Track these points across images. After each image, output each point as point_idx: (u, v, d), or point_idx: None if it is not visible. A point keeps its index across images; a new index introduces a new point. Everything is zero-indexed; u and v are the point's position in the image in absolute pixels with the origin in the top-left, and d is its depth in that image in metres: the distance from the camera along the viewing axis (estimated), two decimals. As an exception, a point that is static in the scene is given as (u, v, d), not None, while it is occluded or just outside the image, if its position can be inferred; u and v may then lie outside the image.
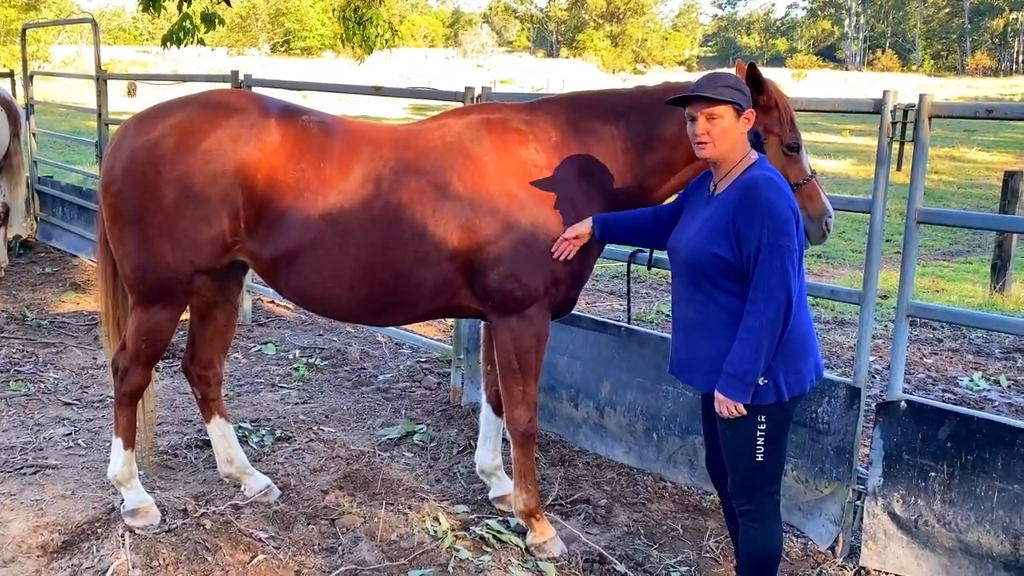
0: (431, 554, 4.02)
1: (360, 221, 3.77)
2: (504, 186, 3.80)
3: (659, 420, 4.89)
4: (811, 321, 3.32)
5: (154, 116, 3.89)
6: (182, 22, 9.20)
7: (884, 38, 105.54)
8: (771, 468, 3.28)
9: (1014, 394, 6.56)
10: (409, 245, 3.78)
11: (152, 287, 3.88)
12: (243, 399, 5.96)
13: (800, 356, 3.20)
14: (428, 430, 5.44)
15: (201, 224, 3.76)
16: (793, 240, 3.06)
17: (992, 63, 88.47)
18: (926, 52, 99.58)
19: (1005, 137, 31.04)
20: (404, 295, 3.89)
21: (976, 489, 3.81)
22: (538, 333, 3.92)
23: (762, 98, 3.58)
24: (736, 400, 3.15)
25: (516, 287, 3.81)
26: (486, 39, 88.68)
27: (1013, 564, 3.73)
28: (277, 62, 55.77)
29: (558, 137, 3.92)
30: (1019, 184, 10.15)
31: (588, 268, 4.02)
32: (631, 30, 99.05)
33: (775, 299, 3.04)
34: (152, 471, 4.62)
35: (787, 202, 3.09)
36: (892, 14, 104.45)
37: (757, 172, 3.17)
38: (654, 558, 4.11)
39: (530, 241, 3.78)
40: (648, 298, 9.49)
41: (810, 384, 3.26)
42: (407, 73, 50.14)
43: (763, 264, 3.04)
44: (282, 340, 7.37)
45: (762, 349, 3.07)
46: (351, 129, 3.97)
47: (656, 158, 3.88)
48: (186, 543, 3.98)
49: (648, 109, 3.89)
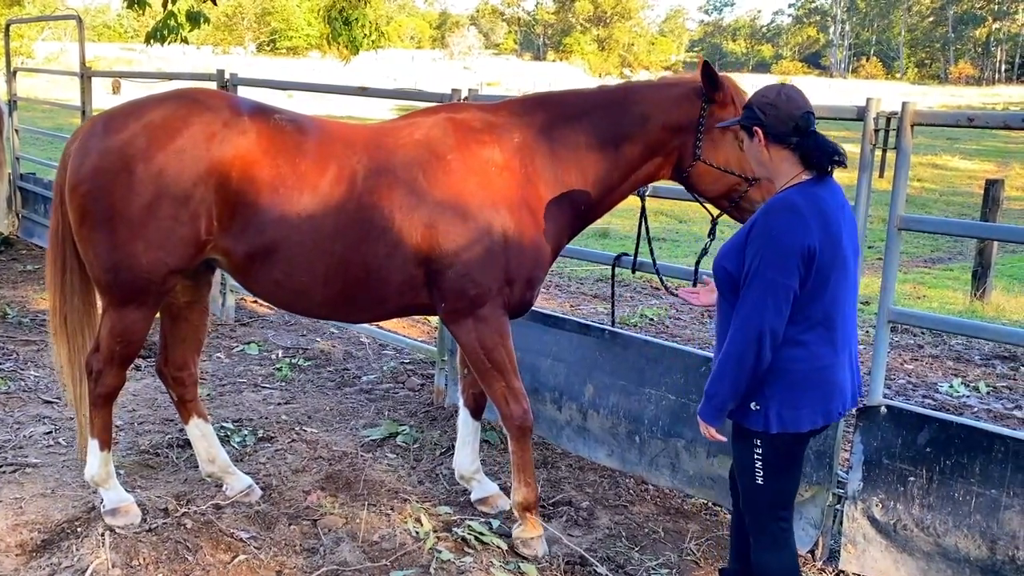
0: (413, 555, 4.02)
1: (334, 217, 3.80)
2: (464, 186, 3.84)
3: (641, 423, 4.91)
4: (839, 360, 3.08)
5: (125, 114, 3.86)
6: (167, 20, 9.20)
7: (869, 46, 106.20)
8: (771, 494, 3.17)
9: (993, 400, 6.61)
10: (379, 241, 3.82)
11: (125, 288, 3.85)
12: (225, 399, 5.93)
13: (801, 392, 3.04)
14: (411, 431, 5.43)
15: (175, 223, 3.75)
16: (788, 274, 2.88)
17: (975, 72, 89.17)
18: (910, 60, 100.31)
19: (987, 145, 31.28)
20: (374, 291, 3.94)
21: (954, 494, 3.84)
22: (498, 330, 3.95)
23: (718, 95, 3.71)
24: (706, 422, 3.11)
25: (470, 287, 3.85)
26: (473, 41, 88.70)
27: (990, 568, 3.76)
28: (263, 61, 55.63)
29: (520, 137, 3.96)
30: (1000, 192, 10.25)
31: (543, 269, 4.06)
32: (618, 34, 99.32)
33: (747, 328, 2.93)
34: (134, 470, 4.60)
35: (797, 233, 2.88)
36: (877, 22, 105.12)
37: (789, 192, 3.00)
38: (635, 560, 4.13)
39: (487, 242, 3.81)
40: (632, 302, 9.53)
41: (811, 425, 3.07)
42: (394, 74, 50.08)
43: (746, 290, 2.95)
44: (265, 340, 7.34)
45: (726, 375, 3.00)
46: (324, 127, 4.02)
47: (617, 157, 3.94)
48: (166, 542, 3.96)
49: (610, 108, 3.95)
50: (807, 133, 2.99)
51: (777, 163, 3.05)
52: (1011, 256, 13.75)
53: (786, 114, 2.99)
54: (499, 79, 50.14)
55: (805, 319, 2.98)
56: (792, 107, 3.00)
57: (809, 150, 2.99)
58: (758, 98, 3.06)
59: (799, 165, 3.02)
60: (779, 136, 3.01)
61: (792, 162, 3.03)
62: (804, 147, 2.99)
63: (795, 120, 2.98)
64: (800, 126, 2.99)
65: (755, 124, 3.04)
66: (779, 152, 3.03)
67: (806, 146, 2.99)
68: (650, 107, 3.90)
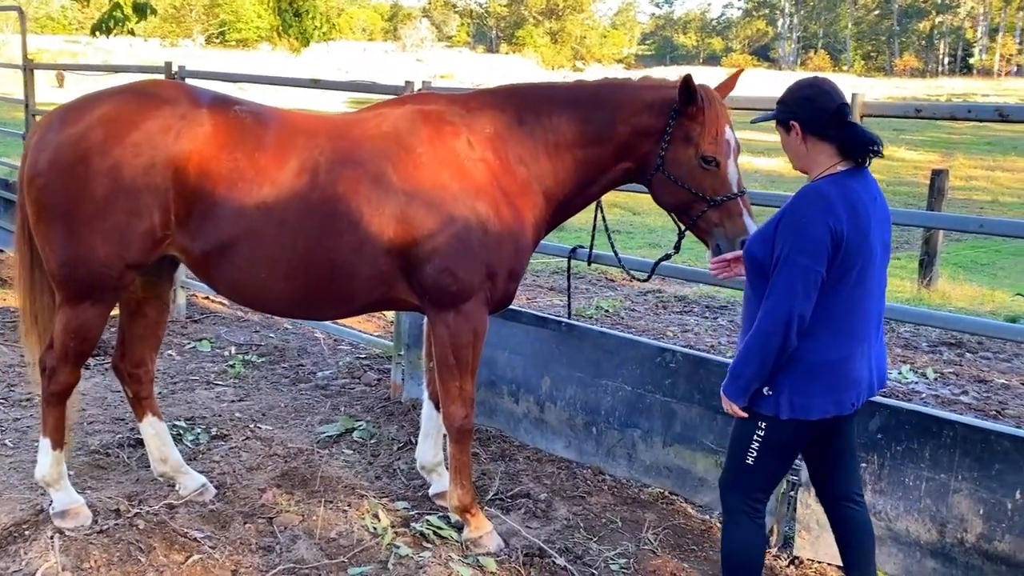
0: (371, 551, 4.00)
1: (296, 211, 3.73)
2: (438, 179, 3.77)
3: (598, 414, 4.93)
4: (855, 351, 3.12)
5: (81, 107, 3.78)
6: (112, 11, 9.00)
7: (817, 39, 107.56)
8: (758, 476, 3.23)
9: (940, 386, 6.75)
10: (345, 235, 3.75)
11: (81, 284, 3.77)
12: (177, 396, 5.84)
13: (814, 382, 3.08)
14: (368, 427, 5.39)
15: (132, 218, 3.68)
16: (817, 261, 2.93)
17: (919, 65, 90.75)
18: (857, 53, 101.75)
19: (932, 136, 31.88)
20: (340, 287, 3.86)
21: (904, 479, 3.91)
22: (475, 329, 3.91)
23: (690, 108, 3.66)
24: (729, 399, 3.16)
25: (451, 281, 3.79)
26: (425, 33, 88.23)
27: (939, 551, 3.84)
28: (212, 54, 54.68)
29: (493, 130, 3.90)
30: (945, 182, 10.46)
31: (524, 262, 4.02)
32: (570, 27, 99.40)
33: (775, 312, 2.98)
34: (84, 471, 4.51)
35: (826, 220, 2.93)
36: (824, 15, 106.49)
37: (821, 182, 3.06)
38: (593, 551, 4.14)
39: (464, 235, 3.76)
40: (587, 294, 9.56)
41: (820, 414, 3.10)
42: (346, 66, 49.54)
43: (776, 275, 2.99)
44: (217, 336, 7.24)
45: (753, 356, 3.05)
46: (285, 119, 3.92)
47: (588, 154, 3.89)
48: (118, 544, 3.89)
49: (583, 103, 3.90)
50: (844, 124, 3.06)
51: (814, 155, 3.12)
52: (956, 245, 14.06)
53: (822, 107, 3.06)
54: (452, 72, 49.95)
55: (823, 308, 3.02)
56: (827, 100, 3.07)
57: (846, 141, 3.06)
58: (793, 93, 3.13)
59: (836, 156, 3.08)
60: (816, 129, 3.08)
61: (829, 153, 3.09)
62: (842, 138, 3.06)
63: (831, 112, 3.05)
64: (837, 118, 3.05)
65: (792, 119, 3.10)
66: (816, 144, 3.10)
67: (843, 137, 3.06)
68: (620, 108, 3.83)
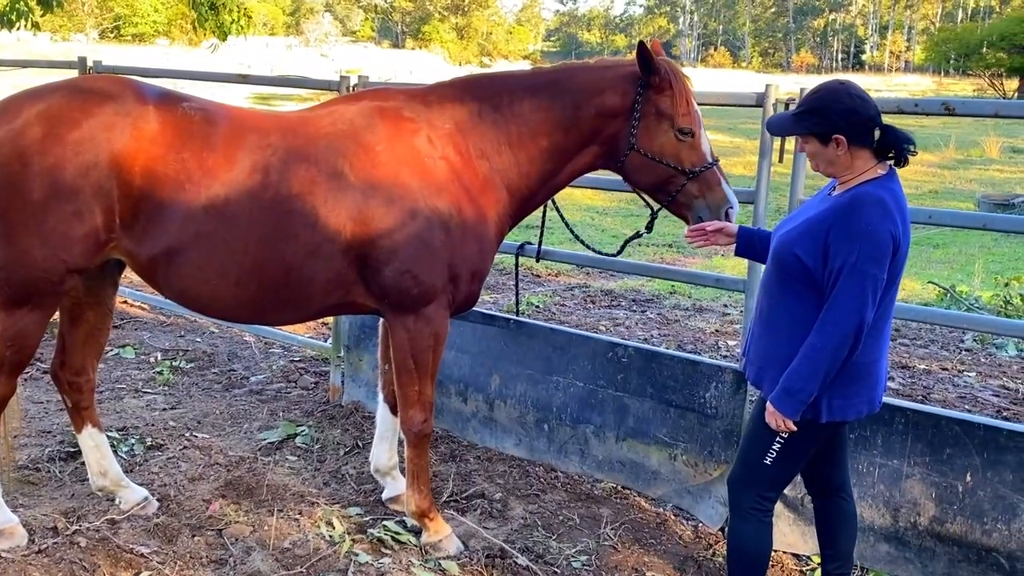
0: (329, 560, 3.88)
1: (247, 213, 3.57)
2: (397, 177, 3.65)
3: (550, 411, 4.90)
4: (884, 351, 3.17)
5: (17, 104, 3.54)
6: (15, 3, 8.55)
7: (716, 36, 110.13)
8: (775, 475, 3.23)
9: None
10: (300, 237, 3.61)
11: (18, 288, 3.55)
12: (105, 406, 5.58)
13: (856, 383, 3.09)
14: (310, 431, 5.25)
15: (73, 220, 3.47)
16: (883, 268, 2.92)
17: (815, 61, 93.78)
18: (755, 50, 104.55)
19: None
20: (296, 291, 3.71)
21: (858, 466, 4.00)
22: (436, 333, 3.82)
23: (654, 79, 3.60)
24: (785, 415, 3.08)
25: (412, 284, 3.68)
26: (329, 28, 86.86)
27: (893, 535, 3.94)
28: (108, 49, 52.63)
29: (453, 125, 3.80)
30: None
31: (488, 262, 3.92)
32: (476, 23, 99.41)
33: (846, 323, 2.93)
34: (13, 487, 4.26)
35: (889, 227, 2.91)
36: (724, 12, 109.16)
37: (871, 188, 3.00)
38: (554, 549, 4.12)
39: (425, 235, 3.65)
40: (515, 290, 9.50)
41: (855, 415, 3.14)
42: (247, 61, 48.29)
43: (843, 285, 2.93)
44: (141, 342, 6.96)
45: (820, 371, 2.98)
46: (236, 116, 3.75)
47: (551, 143, 3.81)
48: (60, 563, 3.69)
49: (543, 89, 3.81)
50: (883, 128, 3.03)
51: (853, 160, 3.06)
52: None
53: (866, 116, 3.01)
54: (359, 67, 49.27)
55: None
56: (867, 107, 3.02)
57: (889, 144, 3.02)
58: (831, 104, 3.02)
59: (873, 159, 3.05)
60: (860, 138, 3.02)
61: (866, 158, 3.05)
62: (885, 143, 3.02)
63: (872, 120, 3.01)
64: (877, 124, 3.02)
65: (836, 133, 3.01)
66: (859, 152, 3.04)
67: (886, 141, 3.02)
68: (582, 91, 3.74)
